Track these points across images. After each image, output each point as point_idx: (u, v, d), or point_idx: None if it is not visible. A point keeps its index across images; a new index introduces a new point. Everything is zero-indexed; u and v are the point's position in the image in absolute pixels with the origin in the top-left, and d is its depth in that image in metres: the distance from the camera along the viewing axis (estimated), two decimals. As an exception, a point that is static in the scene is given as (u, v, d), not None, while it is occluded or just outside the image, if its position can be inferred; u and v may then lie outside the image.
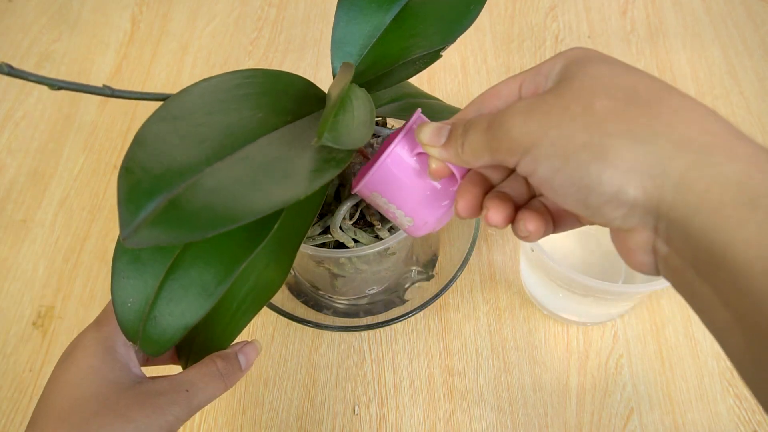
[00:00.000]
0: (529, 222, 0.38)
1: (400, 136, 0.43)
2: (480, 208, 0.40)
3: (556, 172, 0.32)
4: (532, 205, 0.39)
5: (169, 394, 0.43)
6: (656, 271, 0.33)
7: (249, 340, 0.50)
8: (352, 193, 0.47)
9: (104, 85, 0.36)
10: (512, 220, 0.39)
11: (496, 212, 0.38)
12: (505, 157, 0.35)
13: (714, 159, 0.29)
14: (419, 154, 0.43)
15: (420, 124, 0.41)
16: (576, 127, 0.31)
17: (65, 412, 0.41)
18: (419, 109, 0.45)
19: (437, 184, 0.44)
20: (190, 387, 0.44)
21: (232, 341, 0.49)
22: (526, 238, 0.39)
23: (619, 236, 0.34)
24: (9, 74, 0.32)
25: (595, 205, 0.32)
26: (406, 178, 0.44)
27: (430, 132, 0.40)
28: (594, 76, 0.33)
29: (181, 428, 0.65)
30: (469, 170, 0.41)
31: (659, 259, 0.32)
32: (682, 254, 0.30)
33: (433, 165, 0.41)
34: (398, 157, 0.43)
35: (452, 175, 0.41)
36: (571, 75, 0.34)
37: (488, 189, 0.41)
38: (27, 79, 0.34)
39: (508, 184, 0.40)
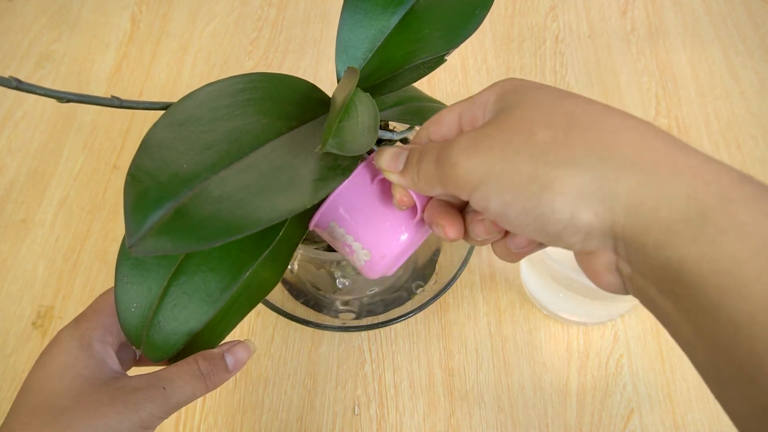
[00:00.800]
0: (476, 226, 0.39)
1: (363, 164, 0.43)
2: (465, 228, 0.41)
3: (508, 206, 0.33)
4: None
5: (144, 390, 0.42)
6: (624, 291, 0.34)
7: (241, 340, 0.49)
8: (309, 229, 0.46)
9: (112, 96, 0.36)
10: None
11: (451, 227, 0.40)
12: (455, 190, 0.35)
13: (659, 176, 0.29)
14: (381, 180, 0.43)
15: (380, 149, 0.41)
16: (520, 159, 0.32)
17: (36, 408, 0.41)
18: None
19: (397, 215, 0.44)
20: (167, 385, 0.43)
21: (222, 340, 0.47)
22: (481, 243, 0.40)
23: (583, 259, 0.34)
24: (17, 88, 0.32)
25: (553, 233, 0.32)
26: (364, 204, 0.43)
27: (388, 157, 0.41)
28: (531, 105, 0.34)
29: (182, 428, 0.66)
30: (429, 199, 0.41)
31: (625, 278, 0.33)
32: (643, 273, 0.31)
33: (396, 194, 0.41)
34: (358, 182, 0.43)
35: (413, 207, 0.42)
36: (508, 105, 0.35)
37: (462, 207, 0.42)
38: (35, 92, 0.34)
39: None
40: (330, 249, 0.58)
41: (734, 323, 0.26)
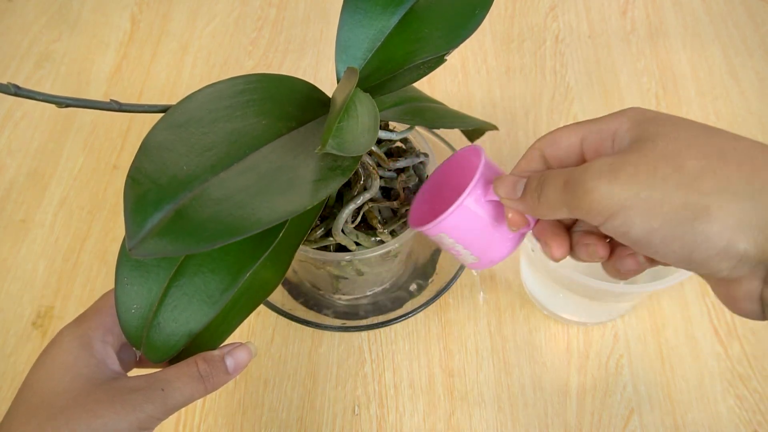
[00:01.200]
0: (600, 247, 0.40)
1: (474, 182, 0.43)
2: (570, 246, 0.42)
3: (654, 233, 0.33)
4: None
5: (143, 391, 0.42)
6: (763, 317, 0.34)
7: (244, 342, 0.49)
8: (411, 228, 0.47)
9: (111, 100, 0.36)
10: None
11: (558, 248, 0.41)
12: (586, 216, 0.35)
13: None
14: (490, 201, 0.44)
15: (497, 178, 0.42)
16: (669, 187, 0.32)
17: (35, 407, 0.41)
18: (483, 151, 0.45)
19: (507, 233, 0.45)
20: (166, 386, 0.43)
21: (223, 341, 0.48)
22: (590, 259, 0.41)
23: (722, 285, 0.34)
24: (16, 94, 0.32)
25: (699, 260, 0.32)
26: (477, 225, 0.44)
27: (506, 186, 0.41)
28: (676, 137, 0.33)
29: (181, 428, 0.66)
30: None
31: (766, 306, 0.33)
32: None
33: (509, 215, 0.42)
34: (471, 206, 0.43)
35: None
36: (649, 136, 0.34)
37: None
38: (34, 98, 0.34)
39: None
40: (336, 249, 0.58)
41: None
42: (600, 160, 0.35)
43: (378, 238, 0.58)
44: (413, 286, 0.72)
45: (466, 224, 0.44)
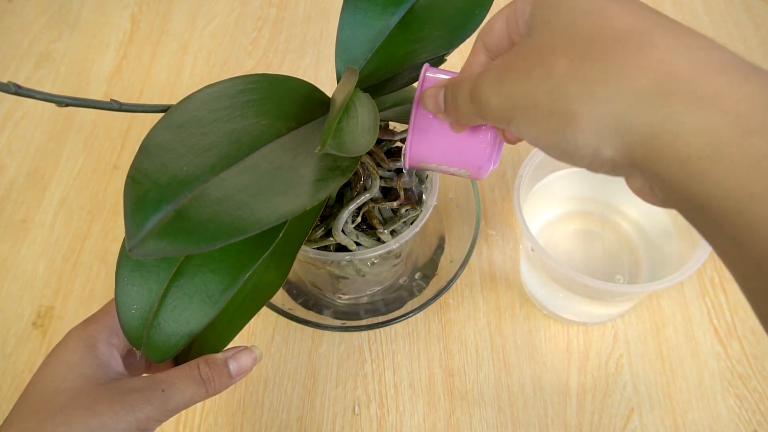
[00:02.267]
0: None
1: (415, 104, 0.43)
2: None
3: (537, 140, 0.33)
4: None
5: (143, 392, 0.42)
6: (665, 205, 0.33)
7: (249, 345, 0.49)
8: (405, 167, 0.47)
9: (111, 99, 0.36)
10: None
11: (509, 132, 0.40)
12: (495, 125, 0.36)
13: (675, 109, 0.28)
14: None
15: (422, 93, 0.41)
16: (540, 93, 0.31)
17: (36, 404, 0.41)
18: (426, 65, 0.44)
19: (472, 134, 0.44)
20: (166, 387, 0.43)
21: (228, 344, 0.48)
22: None
23: (624, 179, 0.34)
24: (17, 93, 0.32)
25: (583, 165, 0.32)
26: (441, 140, 0.44)
27: (430, 101, 0.41)
28: (554, 27, 0.32)
29: (182, 428, 0.66)
30: None
31: (662, 198, 0.32)
32: (671, 201, 0.30)
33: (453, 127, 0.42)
34: (423, 125, 0.43)
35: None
36: (536, 24, 0.34)
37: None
38: (34, 97, 0.34)
39: None
40: (336, 249, 0.58)
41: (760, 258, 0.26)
42: (492, 65, 0.35)
43: (378, 238, 0.58)
44: (413, 286, 0.72)
45: (431, 144, 0.44)
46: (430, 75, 0.44)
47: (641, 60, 0.29)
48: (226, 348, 0.48)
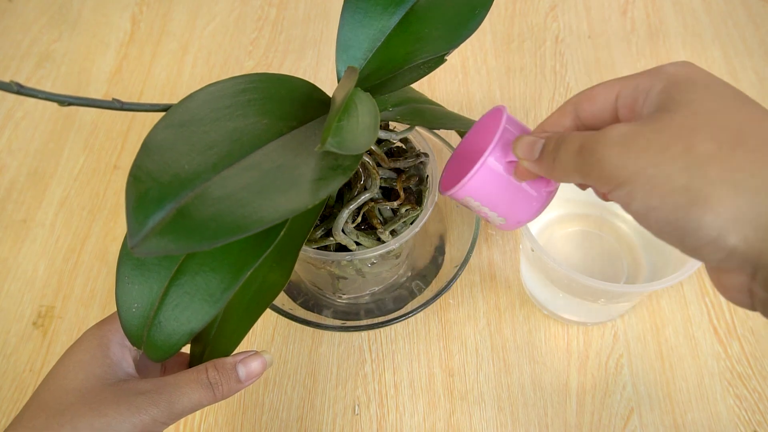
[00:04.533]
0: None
1: (493, 144, 0.42)
2: None
3: (652, 210, 0.32)
4: None
5: (150, 394, 0.42)
6: (752, 308, 0.33)
7: (259, 350, 0.49)
8: (442, 194, 0.47)
9: (113, 99, 0.36)
10: None
11: None
12: (596, 183, 0.35)
13: None
14: (512, 161, 0.43)
15: (516, 138, 0.41)
16: (675, 168, 0.31)
17: (46, 402, 0.42)
18: (505, 108, 0.44)
19: (532, 190, 0.44)
20: (173, 391, 0.43)
21: (236, 347, 0.48)
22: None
23: (715, 272, 0.34)
24: (18, 93, 0.32)
25: (691, 246, 0.31)
26: (500, 185, 0.44)
27: (524, 147, 0.40)
28: (698, 110, 0.32)
29: (182, 427, 0.66)
30: None
31: (756, 301, 0.32)
32: None
33: (523, 171, 0.42)
34: (492, 166, 0.43)
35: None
36: (672, 105, 0.33)
37: None
38: (36, 96, 0.34)
39: None
40: (336, 249, 0.58)
41: None
42: (616, 128, 0.34)
43: (378, 238, 0.58)
44: (413, 286, 0.72)
45: (489, 185, 0.44)
46: (510, 123, 0.44)
47: None
48: (235, 351, 0.48)
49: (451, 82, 0.90)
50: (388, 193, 0.60)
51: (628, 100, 0.37)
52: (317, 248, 0.57)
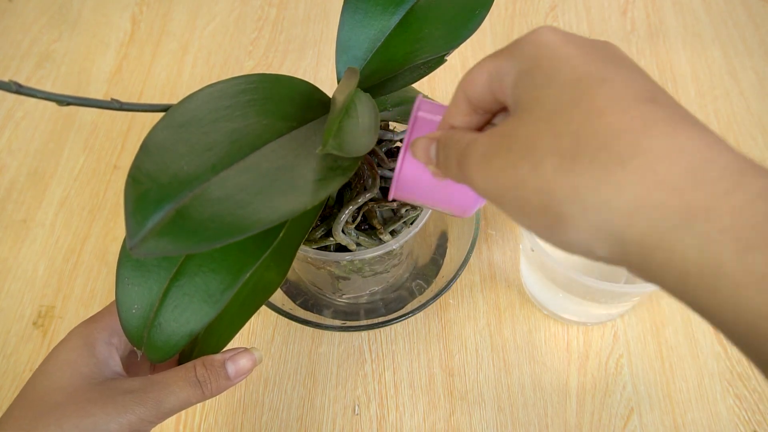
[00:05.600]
0: None
1: (403, 150, 0.41)
2: None
3: (529, 228, 0.31)
4: None
5: (137, 393, 0.42)
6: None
7: (249, 347, 0.49)
8: (388, 200, 0.46)
9: (112, 99, 0.36)
10: None
11: None
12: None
13: (668, 223, 0.26)
14: None
15: (412, 142, 0.39)
16: (529, 191, 0.29)
17: (31, 401, 0.42)
18: (419, 96, 0.42)
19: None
20: (161, 389, 0.43)
21: (228, 343, 0.48)
22: None
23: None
24: (18, 92, 0.32)
25: (576, 255, 0.30)
26: (426, 184, 0.42)
27: (420, 153, 0.39)
28: (539, 115, 0.30)
29: (182, 427, 0.66)
30: None
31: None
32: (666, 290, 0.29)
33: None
34: (411, 171, 0.41)
35: None
36: (520, 106, 0.32)
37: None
38: (36, 96, 0.34)
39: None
40: (336, 249, 0.58)
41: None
42: (479, 143, 0.33)
43: (378, 238, 0.58)
44: (413, 286, 0.72)
45: (417, 187, 0.42)
46: (423, 115, 0.42)
47: (632, 169, 0.27)
48: (225, 348, 0.48)
49: (451, 82, 0.90)
50: (389, 194, 0.60)
51: (497, 85, 0.34)
52: (317, 248, 0.57)
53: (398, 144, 0.63)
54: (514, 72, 0.33)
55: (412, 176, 0.42)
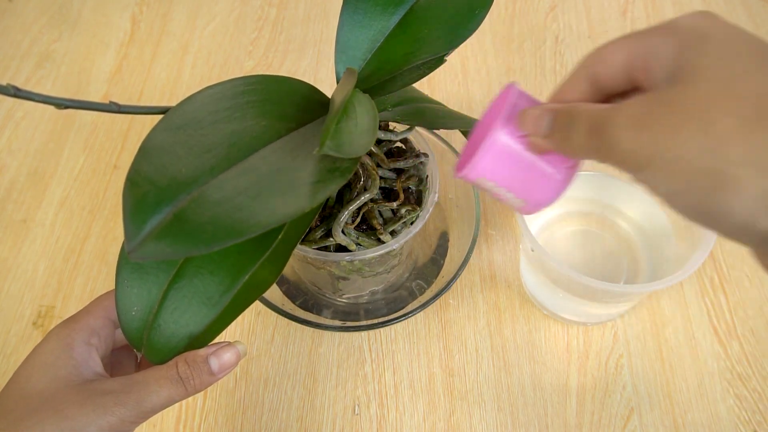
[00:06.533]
0: None
1: (501, 118, 0.38)
2: None
3: (677, 195, 0.30)
4: None
5: (116, 394, 0.41)
6: None
7: (231, 341, 0.47)
8: (456, 177, 0.44)
9: (111, 102, 0.36)
10: None
11: None
12: (616, 167, 0.32)
13: None
14: (524, 135, 0.39)
15: (521, 111, 0.38)
16: (694, 150, 0.28)
17: (8, 407, 0.41)
18: (515, 84, 0.41)
19: (549, 167, 0.40)
20: (142, 389, 0.42)
21: (213, 340, 0.46)
22: None
23: (756, 253, 0.32)
24: (15, 96, 0.32)
25: (723, 231, 0.29)
26: (513, 162, 0.39)
27: (530, 120, 0.37)
28: (713, 79, 0.29)
29: (182, 427, 0.66)
30: None
31: None
32: None
33: (533, 141, 0.38)
34: (502, 141, 0.39)
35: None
36: (685, 73, 0.30)
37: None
38: (33, 99, 0.34)
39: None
40: (336, 249, 0.58)
41: None
42: (627, 107, 0.31)
43: (378, 238, 0.58)
44: (413, 286, 0.72)
45: (502, 164, 0.39)
46: (519, 90, 0.40)
47: None
48: (210, 343, 0.46)
49: (451, 83, 0.90)
50: (388, 194, 0.60)
51: (640, 63, 0.33)
52: (317, 248, 0.57)
53: (398, 144, 0.63)
54: (673, 46, 0.32)
55: (501, 150, 0.39)
